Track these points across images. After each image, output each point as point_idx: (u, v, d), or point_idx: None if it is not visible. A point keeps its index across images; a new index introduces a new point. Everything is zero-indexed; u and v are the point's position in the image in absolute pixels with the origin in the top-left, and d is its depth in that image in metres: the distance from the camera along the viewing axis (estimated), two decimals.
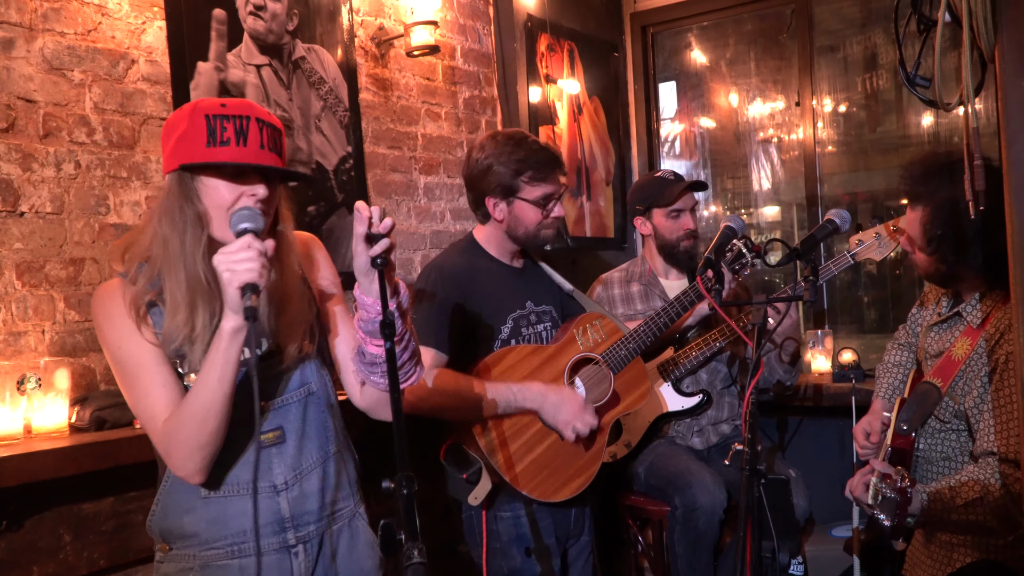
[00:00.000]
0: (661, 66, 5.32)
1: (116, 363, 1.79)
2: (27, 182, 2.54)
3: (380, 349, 1.82)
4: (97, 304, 1.79)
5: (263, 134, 1.73)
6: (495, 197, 2.71)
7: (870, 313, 4.87)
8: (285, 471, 1.88)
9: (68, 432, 2.49)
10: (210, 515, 1.83)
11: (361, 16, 3.68)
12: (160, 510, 1.86)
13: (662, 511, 3.17)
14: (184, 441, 1.71)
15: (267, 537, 1.85)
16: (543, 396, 2.60)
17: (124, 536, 2.49)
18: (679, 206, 3.35)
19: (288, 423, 1.89)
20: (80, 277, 2.65)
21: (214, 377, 1.67)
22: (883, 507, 2.12)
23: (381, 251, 1.68)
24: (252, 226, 1.66)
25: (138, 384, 1.77)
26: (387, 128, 3.78)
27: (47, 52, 2.60)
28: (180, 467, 1.75)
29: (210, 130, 1.70)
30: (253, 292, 1.57)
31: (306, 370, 1.92)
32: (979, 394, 2.35)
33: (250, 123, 1.71)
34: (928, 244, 2.42)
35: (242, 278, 1.58)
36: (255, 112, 1.74)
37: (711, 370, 3.37)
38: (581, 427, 2.60)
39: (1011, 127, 1.62)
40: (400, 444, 1.60)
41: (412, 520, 1.54)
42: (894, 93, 4.68)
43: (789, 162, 4.99)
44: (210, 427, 1.70)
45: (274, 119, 1.79)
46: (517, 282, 2.81)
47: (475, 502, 2.56)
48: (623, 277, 3.51)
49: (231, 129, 1.70)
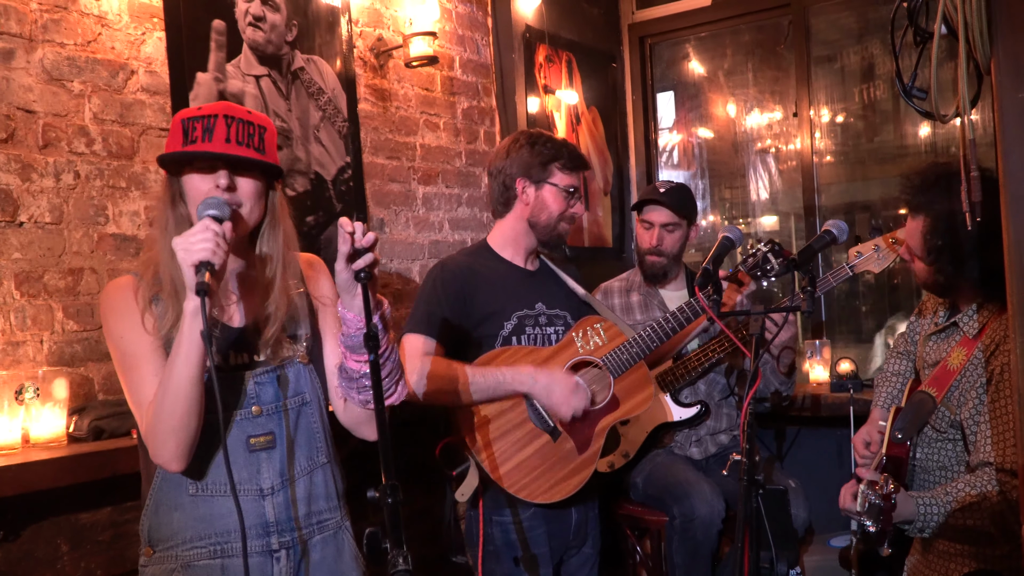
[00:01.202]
0: (659, 76, 5.34)
1: (117, 354, 1.84)
2: (26, 192, 2.55)
3: (360, 364, 1.87)
4: (105, 298, 1.87)
5: (230, 129, 1.79)
6: (526, 179, 2.79)
7: (868, 323, 4.88)
8: (272, 476, 1.91)
9: (66, 442, 2.48)
10: (198, 513, 1.86)
11: (360, 27, 3.69)
12: (152, 505, 1.89)
13: (660, 521, 3.17)
14: (159, 425, 1.75)
15: (251, 540, 1.87)
16: (533, 378, 2.60)
17: (121, 546, 2.48)
18: (647, 218, 3.38)
19: (280, 429, 1.92)
20: (79, 287, 2.66)
21: (180, 358, 1.71)
22: (868, 512, 2.15)
23: (364, 265, 1.72)
24: (216, 212, 1.71)
25: (134, 374, 1.82)
26: (386, 138, 3.79)
27: (47, 63, 2.61)
28: (157, 453, 1.79)
29: (184, 131, 1.80)
30: (207, 269, 1.63)
31: (301, 379, 1.96)
32: (975, 405, 2.35)
33: (217, 120, 1.79)
34: (928, 254, 2.43)
35: (195, 256, 1.63)
36: (225, 110, 1.81)
37: (709, 381, 3.37)
38: (576, 405, 2.59)
39: (1007, 139, 1.63)
40: (385, 454, 1.63)
41: (397, 529, 1.57)
42: (891, 103, 4.69)
43: (787, 172, 5.01)
44: (181, 409, 1.73)
45: (253, 116, 1.85)
46: (528, 283, 2.84)
47: (462, 498, 2.59)
48: (623, 287, 3.52)
49: (199, 128, 1.78)
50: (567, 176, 2.81)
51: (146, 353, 1.81)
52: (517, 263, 2.85)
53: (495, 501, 2.65)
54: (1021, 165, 1.62)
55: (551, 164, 2.79)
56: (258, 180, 1.86)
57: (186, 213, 1.85)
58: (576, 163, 2.83)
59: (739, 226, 5.09)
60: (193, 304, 1.67)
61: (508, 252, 2.85)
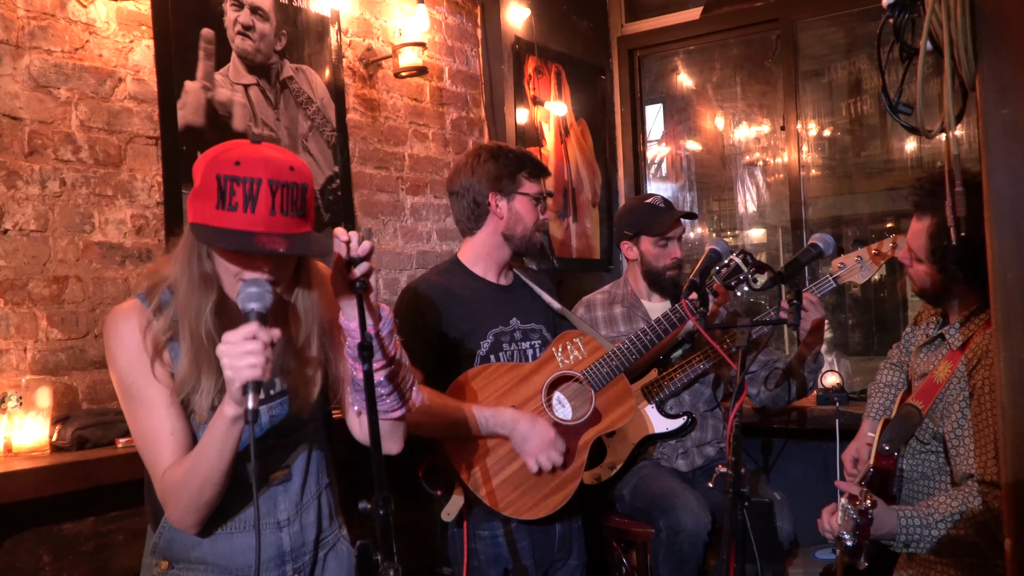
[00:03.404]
0: (648, 89, 5.36)
1: (126, 396, 1.76)
2: (11, 199, 2.53)
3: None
4: (111, 326, 1.75)
5: (275, 197, 1.62)
6: (497, 193, 2.77)
7: (854, 336, 4.90)
8: (288, 508, 1.89)
9: (49, 451, 2.47)
10: (216, 548, 1.84)
11: (349, 37, 3.70)
12: (165, 539, 1.85)
13: (647, 533, 3.17)
14: (182, 502, 1.73)
15: (268, 572, 1.87)
16: (513, 425, 2.59)
17: (105, 557, 2.46)
18: (669, 235, 3.35)
19: (295, 462, 1.91)
20: (64, 295, 2.64)
21: (213, 454, 1.66)
22: (845, 525, 2.17)
23: (360, 274, 1.68)
24: (258, 307, 1.59)
25: (147, 425, 1.75)
26: (374, 148, 3.79)
27: (33, 70, 2.60)
28: (177, 522, 1.77)
29: (220, 192, 1.61)
30: (254, 391, 1.53)
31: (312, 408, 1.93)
32: (957, 419, 2.36)
33: (261, 186, 1.61)
34: (932, 254, 2.43)
35: (244, 376, 1.54)
36: (269, 172, 1.62)
37: (694, 392, 3.38)
38: (544, 461, 2.59)
39: (991, 155, 1.64)
40: (377, 464, 1.60)
41: (389, 540, 1.55)
42: (878, 118, 4.73)
43: (774, 185, 5.03)
44: (208, 495, 1.71)
45: (296, 174, 1.66)
46: (501, 299, 2.82)
47: (448, 518, 2.56)
48: (606, 299, 3.51)
49: (240, 193, 1.60)
50: (534, 184, 2.81)
51: (159, 407, 1.73)
52: (490, 279, 2.83)
53: (478, 516, 2.63)
54: (1005, 181, 1.64)
55: (518, 174, 2.78)
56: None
57: (212, 271, 1.72)
58: (540, 170, 2.84)
59: (726, 239, 5.11)
60: (233, 413, 1.59)
61: (480, 268, 2.83)
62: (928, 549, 2.30)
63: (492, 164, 2.77)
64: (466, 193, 2.79)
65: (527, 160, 2.81)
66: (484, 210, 2.78)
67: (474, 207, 2.79)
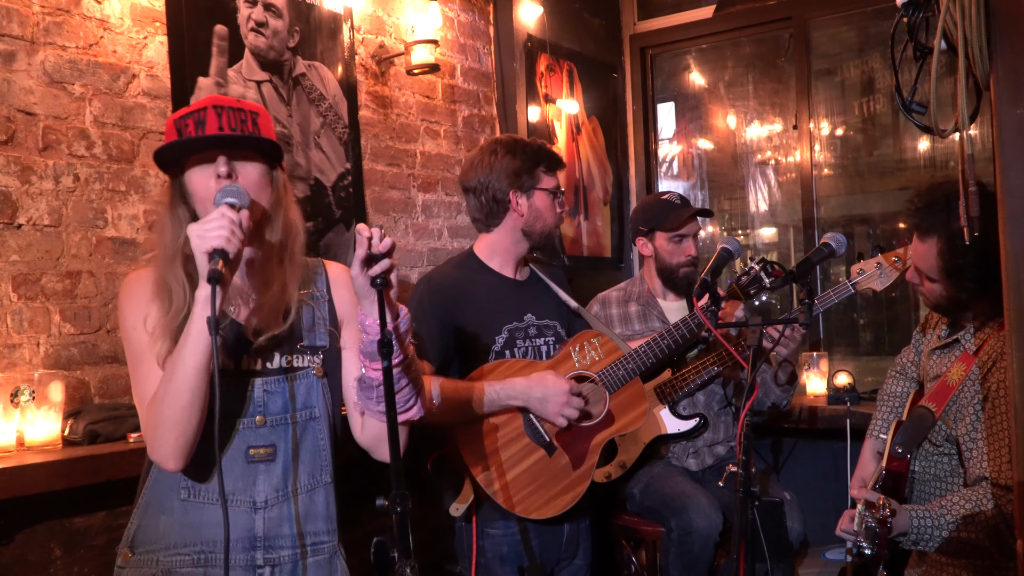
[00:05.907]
0: (660, 87, 5.35)
1: (127, 347, 1.83)
2: (25, 194, 2.55)
3: (378, 373, 1.78)
4: (124, 288, 1.85)
5: (222, 118, 1.77)
6: (518, 190, 2.73)
7: (866, 336, 4.88)
8: (268, 490, 1.85)
9: (61, 445, 2.48)
10: (186, 519, 1.82)
11: (362, 34, 3.70)
12: (143, 505, 1.85)
13: (656, 532, 3.16)
14: (160, 416, 1.71)
15: (235, 553, 1.82)
16: (527, 392, 2.57)
17: (115, 551, 2.47)
18: (684, 231, 3.35)
19: (282, 442, 1.86)
20: (76, 290, 2.65)
21: (187, 348, 1.68)
22: (866, 535, 2.15)
23: (381, 271, 1.68)
24: (234, 200, 1.68)
25: (139, 369, 1.80)
26: (386, 145, 3.79)
27: (48, 65, 2.61)
28: (155, 448, 1.75)
29: (177, 130, 1.78)
30: (221, 257, 1.59)
31: (313, 392, 1.90)
32: (971, 421, 2.35)
33: (207, 111, 1.77)
34: (948, 275, 2.39)
35: (211, 243, 1.60)
36: (213, 101, 1.79)
37: (708, 392, 3.37)
38: (571, 412, 2.57)
39: (1005, 155, 1.63)
40: (395, 462, 1.60)
41: (406, 538, 1.54)
42: (891, 117, 4.70)
43: (786, 184, 5.02)
44: (183, 400, 1.69)
45: (244, 103, 1.83)
46: (517, 294, 2.79)
47: (456, 513, 2.56)
48: (621, 297, 3.51)
49: (191, 123, 1.77)
50: (552, 178, 2.78)
51: (149, 350, 1.77)
52: (506, 274, 2.80)
53: (487, 513, 2.63)
54: (1019, 181, 1.62)
55: (536, 168, 2.74)
56: (259, 163, 1.82)
57: (187, 214, 1.80)
58: (556, 163, 2.81)
59: (738, 238, 5.09)
60: (205, 292, 1.62)
61: (496, 262, 2.79)
62: (937, 548, 2.29)
63: (510, 159, 2.72)
64: (484, 190, 2.74)
65: (544, 153, 2.78)
66: (504, 207, 2.74)
67: (493, 204, 2.74)
